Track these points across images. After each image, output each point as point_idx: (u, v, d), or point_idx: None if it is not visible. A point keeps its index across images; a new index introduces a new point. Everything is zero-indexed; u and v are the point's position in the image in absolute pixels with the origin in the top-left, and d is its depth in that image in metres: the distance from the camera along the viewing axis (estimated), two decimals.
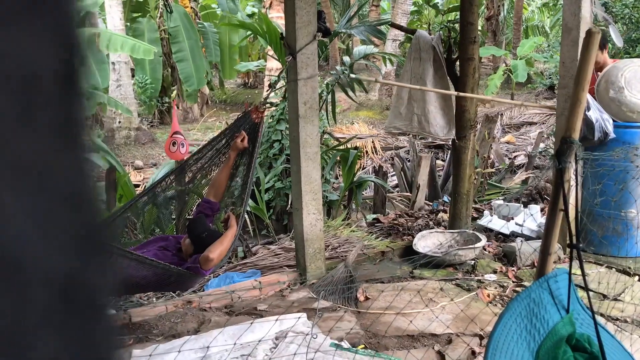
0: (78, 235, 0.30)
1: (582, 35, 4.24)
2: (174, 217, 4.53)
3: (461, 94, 4.78)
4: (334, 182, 7.34)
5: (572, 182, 3.41)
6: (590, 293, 3.74)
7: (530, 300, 1.30)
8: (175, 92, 15.76)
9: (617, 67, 4.53)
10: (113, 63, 13.09)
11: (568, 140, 1.34)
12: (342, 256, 4.73)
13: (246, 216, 5.59)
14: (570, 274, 1.40)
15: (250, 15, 19.12)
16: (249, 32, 7.80)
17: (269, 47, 7.15)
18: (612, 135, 4.29)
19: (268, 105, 4.29)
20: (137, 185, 8.79)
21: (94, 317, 0.31)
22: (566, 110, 3.54)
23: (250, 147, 3.83)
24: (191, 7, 15.53)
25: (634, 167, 4.21)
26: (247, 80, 22.25)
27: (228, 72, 16.82)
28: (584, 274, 1.45)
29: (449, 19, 10.22)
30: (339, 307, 3.73)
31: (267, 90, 4.25)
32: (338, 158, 6.92)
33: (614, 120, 4.37)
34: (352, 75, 5.97)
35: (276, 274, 4.39)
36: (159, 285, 3.47)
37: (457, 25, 4.95)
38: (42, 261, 0.28)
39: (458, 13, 4.97)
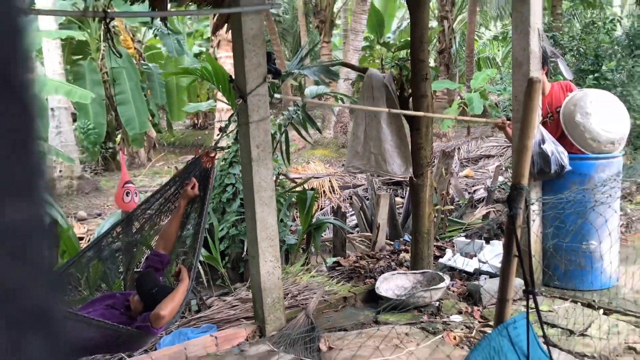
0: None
1: (533, 68, 4.44)
2: (121, 271, 4.42)
3: (416, 115, 4.89)
4: (291, 225, 7.32)
5: (530, 224, 3.52)
6: (558, 330, 3.82)
7: (491, 348, 1.33)
8: (120, 137, 15.58)
9: (588, 94, 4.73)
10: (52, 109, 12.89)
11: (518, 186, 1.39)
12: (302, 304, 4.69)
13: (199, 266, 5.51)
14: (528, 320, 1.44)
15: (198, 55, 19.23)
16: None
17: (217, 90, 7.19)
18: (568, 167, 4.45)
19: (219, 149, 4.29)
20: (82, 238, 8.56)
21: None
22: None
23: (202, 194, 3.81)
24: (135, 48, 15.52)
25: (590, 199, 4.37)
26: (196, 121, 22.22)
27: (176, 114, 16.80)
28: (541, 321, 1.49)
29: (400, 56, 10.53)
30: (301, 359, 3.69)
31: (218, 135, 4.26)
32: (294, 200, 6.93)
33: (570, 152, 4.54)
34: (307, 100, 6.06)
35: (233, 328, 4.32)
36: (107, 347, 3.37)
37: (408, 63, 5.10)
38: None
39: (409, 50, 5.13)
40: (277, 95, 5.76)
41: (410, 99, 5.07)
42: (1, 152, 0.29)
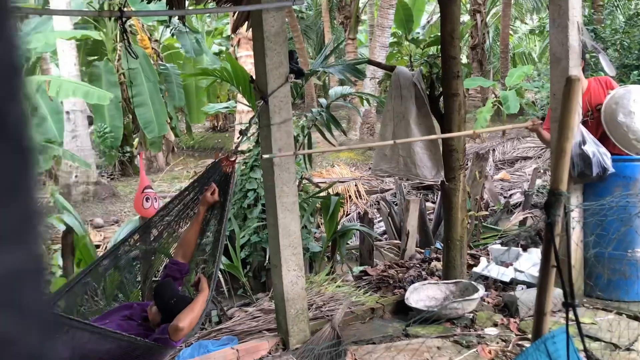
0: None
1: (572, 64, 4.38)
2: (138, 280, 4.47)
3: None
4: (315, 232, 7.33)
5: (569, 231, 3.47)
6: (601, 344, 3.76)
7: None
8: (137, 140, 15.77)
9: (630, 91, 4.63)
10: (67, 112, 13.11)
11: (556, 192, 1.38)
12: (327, 316, 4.69)
13: (220, 276, 5.55)
14: (567, 333, 1.42)
15: (217, 54, 19.39)
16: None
17: (237, 91, 7.25)
18: (611, 169, 4.38)
19: (240, 153, 4.32)
20: (98, 246, 8.68)
21: None
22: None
23: (222, 200, 3.83)
24: (152, 48, 15.71)
25: (636, 204, 4.30)
26: (216, 124, 22.39)
27: (195, 116, 16.95)
28: (582, 334, 1.47)
29: (430, 52, 10.49)
30: None
31: (238, 138, 4.29)
32: (319, 205, 6.95)
33: (613, 154, 4.46)
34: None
35: (255, 340, 4.34)
36: (124, 359, 3.40)
37: (438, 60, 5.07)
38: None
39: (439, 47, 5.11)
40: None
41: (441, 98, 5.05)
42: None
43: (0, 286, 0.30)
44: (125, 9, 4.18)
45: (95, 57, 15.53)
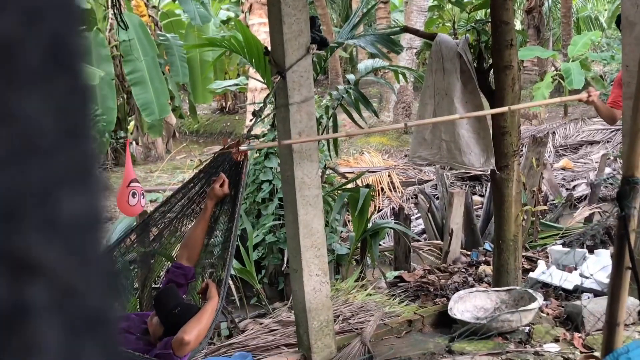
0: None
1: None
2: (136, 287, 4.53)
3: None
4: (342, 232, 7.35)
5: None
6: None
7: None
8: (132, 124, 15.91)
9: None
10: None
11: (631, 180, 1.36)
12: (356, 329, 4.71)
13: (230, 282, 5.59)
14: None
15: (225, 22, 19.44)
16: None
17: (249, 65, 7.27)
18: None
19: (253, 138, 4.34)
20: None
21: None
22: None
23: (232, 193, 3.86)
24: (149, 16, 15.80)
25: None
26: (224, 104, 22.47)
27: (201, 95, 17.00)
28: None
29: (477, 17, 10.40)
30: None
31: (251, 120, 4.31)
32: (346, 200, 6.95)
33: None
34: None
35: (272, 357, 4.37)
36: None
37: (488, 26, 5.03)
38: None
39: (488, 10, 5.07)
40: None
41: (491, 72, 5.01)
42: (56, 139, 0.32)
43: (64, 234, 0.32)
44: None
45: (84, 27, 15.65)
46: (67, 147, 0.33)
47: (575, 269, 5.32)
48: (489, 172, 5.11)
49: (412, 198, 10.51)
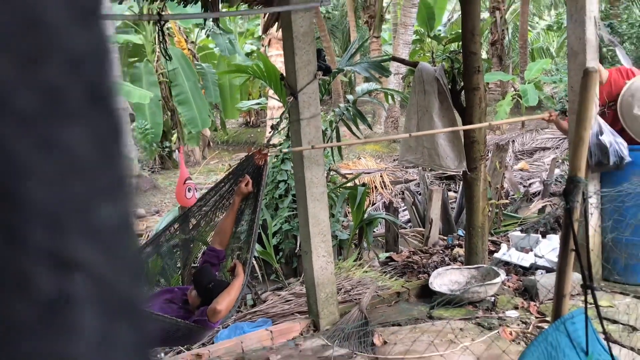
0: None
1: (589, 58, 4.29)
2: (179, 266, 4.53)
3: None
4: (343, 221, 7.34)
5: (588, 217, 3.41)
6: (619, 326, 3.70)
7: (548, 344, 1.29)
8: (175, 136, 15.93)
9: None
10: None
11: (574, 179, 1.35)
12: (355, 299, 4.70)
13: (254, 261, 5.59)
14: (586, 314, 1.40)
15: (249, 54, 19.44)
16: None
17: (269, 87, 7.26)
18: (628, 158, 4.29)
19: (271, 146, 4.34)
20: (140, 235, 8.81)
21: None
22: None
23: (255, 191, 3.86)
24: (189, 49, 15.82)
25: None
26: (248, 119, 22.46)
27: (230, 112, 17.01)
28: (600, 316, 1.45)
29: (452, 49, 10.36)
30: (355, 353, 3.70)
31: (270, 132, 4.31)
32: (346, 195, 6.94)
33: (630, 144, 4.37)
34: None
35: (288, 322, 4.37)
36: (166, 340, 3.46)
37: (459, 56, 5.02)
38: None
39: (460, 43, 5.05)
40: None
41: (462, 92, 5.00)
42: (94, 161, 0.32)
43: (100, 237, 0.32)
44: (163, 13, 4.22)
45: (136, 59, 15.69)
46: (103, 167, 0.33)
47: (531, 250, 5.29)
48: (461, 173, 5.09)
49: (399, 194, 10.48)
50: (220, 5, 4.58)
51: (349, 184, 7.39)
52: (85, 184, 0.32)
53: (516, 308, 4.30)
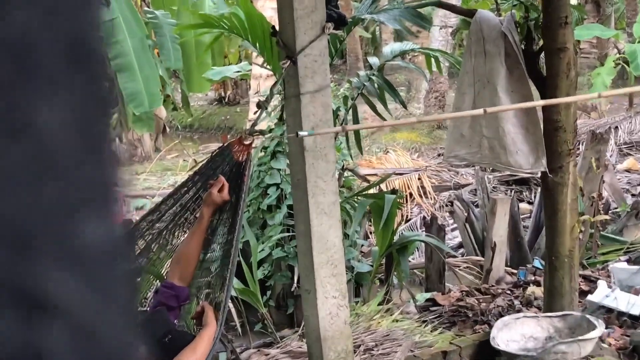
0: None
1: None
2: None
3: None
4: (363, 245, 7.34)
5: None
6: None
7: None
8: (115, 117, 15.98)
9: None
10: None
11: None
12: None
13: (230, 305, 5.60)
14: None
15: None
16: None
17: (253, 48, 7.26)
18: None
19: (257, 134, 4.34)
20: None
21: None
22: None
23: (233, 199, 3.87)
24: None
25: None
26: (223, 94, 22.50)
27: (196, 83, 17.01)
28: None
29: None
30: None
31: (255, 112, 4.32)
32: (368, 208, 6.95)
33: None
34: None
35: None
36: None
37: (538, 1, 5.02)
38: None
39: None
40: None
41: (542, 55, 5.00)
42: (75, 153, 0.32)
43: (84, 265, 0.32)
44: None
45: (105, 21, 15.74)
46: (87, 162, 0.32)
47: None
48: (539, 175, 5.09)
49: (446, 205, 10.48)
50: None
51: (371, 191, 7.39)
52: (61, 186, 0.31)
53: None
